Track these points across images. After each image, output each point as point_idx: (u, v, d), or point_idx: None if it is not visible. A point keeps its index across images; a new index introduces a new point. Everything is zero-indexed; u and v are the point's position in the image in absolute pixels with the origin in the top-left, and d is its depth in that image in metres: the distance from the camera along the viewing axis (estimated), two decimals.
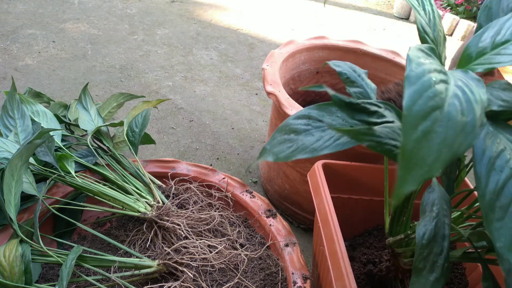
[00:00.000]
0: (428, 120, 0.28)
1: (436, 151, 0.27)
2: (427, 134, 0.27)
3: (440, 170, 0.27)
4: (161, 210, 0.77)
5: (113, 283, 0.66)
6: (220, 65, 1.69)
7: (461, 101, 0.30)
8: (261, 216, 0.83)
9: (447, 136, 0.28)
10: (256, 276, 0.73)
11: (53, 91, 1.38)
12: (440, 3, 2.64)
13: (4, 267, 0.61)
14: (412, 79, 0.29)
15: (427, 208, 0.42)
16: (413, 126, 0.28)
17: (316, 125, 0.45)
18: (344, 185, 0.76)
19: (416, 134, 0.27)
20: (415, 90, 0.29)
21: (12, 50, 1.56)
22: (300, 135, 0.44)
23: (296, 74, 1.09)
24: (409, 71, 0.30)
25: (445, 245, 0.40)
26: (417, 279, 0.39)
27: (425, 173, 0.27)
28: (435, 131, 0.28)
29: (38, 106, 0.95)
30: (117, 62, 1.60)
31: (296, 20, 2.27)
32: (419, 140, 0.27)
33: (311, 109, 0.46)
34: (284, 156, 0.42)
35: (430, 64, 0.32)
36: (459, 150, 0.28)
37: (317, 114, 0.46)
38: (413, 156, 0.27)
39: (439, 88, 0.30)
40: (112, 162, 0.89)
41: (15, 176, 0.69)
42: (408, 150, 0.27)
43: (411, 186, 0.26)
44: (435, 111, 0.28)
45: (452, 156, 0.27)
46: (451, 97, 0.30)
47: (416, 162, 0.27)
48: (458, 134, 0.28)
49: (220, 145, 1.26)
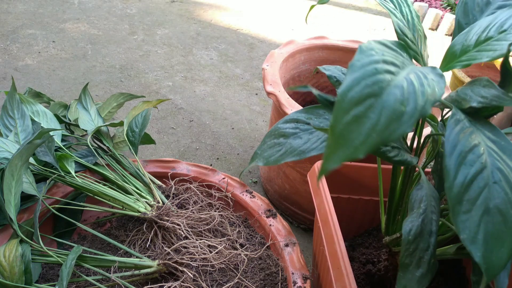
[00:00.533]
0: (361, 106, 0.29)
1: (364, 135, 0.28)
2: (359, 119, 0.28)
3: (364, 153, 0.28)
4: (161, 210, 0.77)
5: (113, 283, 0.66)
6: (220, 65, 1.69)
7: (403, 92, 0.31)
8: (261, 216, 0.83)
9: (379, 123, 0.29)
10: (256, 276, 0.73)
11: (53, 91, 1.38)
12: (440, 3, 2.64)
13: (4, 267, 0.61)
14: (355, 67, 0.30)
15: (415, 205, 0.43)
16: (345, 111, 0.28)
17: (304, 128, 0.46)
18: (344, 185, 0.76)
19: (347, 118, 0.28)
20: (355, 77, 0.30)
21: (12, 50, 1.56)
22: (288, 139, 0.45)
23: (296, 74, 1.09)
24: (354, 60, 0.31)
25: (432, 241, 0.41)
26: (403, 275, 0.40)
27: (350, 154, 0.28)
28: (368, 116, 0.29)
29: (38, 106, 0.95)
30: (117, 62, 1.60)
31: (296, 20, 2.27)
32: (349, 123, 0.28)
33: (299, 113, 0.48)
34: (273, 160, 0.43)
35: (382, 56, 0.33)
36: (390, 137, 0.29)
37: (305, 117, 0.47)
38: (341, 137, 0.28)
39: (382, 77, 0.31)
40: (112, 162, 0.89)
41: (15, 176, 0.69)
42: (337, 132, 0.28)
43: (334, 163, 0.27)
44: (371, 98, 0.29)
45: (381, 141, 0.28)
46: (393, 86, 0.31)
47: (343, 143, 0.28)
48: (392, 122, 0.29)
49: (220, 145, 1.26)
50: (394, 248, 0.59)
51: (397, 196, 0.56)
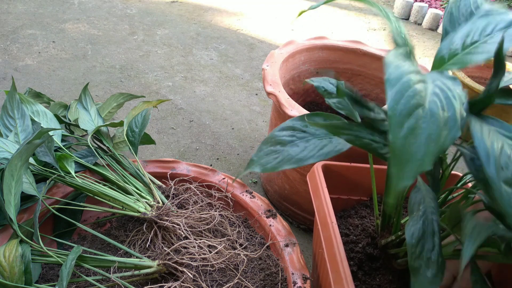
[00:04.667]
0: (412, 118, 0.30)
1: (424, 145, 0.29)
2: (413, 131, 0.29)
3: (431, 163, 0.28)
4: (161, 210, 0.77)
5: (113, 283, 0.66)
6: (220, 66, 1.69)
7: (440, 98, 0.32)
8: (261, 216, 0.83)
9: (432, 131, 0.29)
10: (256, 276, 0.73)
11: (53, 91, 1.38)
12: (440, 3, 2.64)
13: (4, 267, 0.61)
14: (392, 81, 0.31)
15: (414, 208, 0.43)
16: (399, 124, 0.29)
17: (301, 136, 0.47)
18: (343, 186, 0.76)
19: (402, 131, 0.29)
20: (397, 90, 0.30)
21: (12, 50, 1.56)
22: (285, 146, 0.46)
23: (296, 74, 1.09)
24: (388, 74, 0.31)
25: (436, 240, 0.41)
26: (416, 279, 0.39)
27: (417, 167, 0.28)
28: (420, 127, 0.29)
29: (38, 106, 0.95)
30: (117, 62, 1.60)
31: (296, 21, 2.27)
32: (406, 137, 0.29)
33: (295, 121, 0.48)
34: (271, 167, 0.44)
35: (408, 66, 0.33)
36: (445, 143, 0.29)
37: (301, 125, 0.48)
38: (404, 153, 0.28)
39: (419, 87, 0.32)
40: (112, 162, 0.89)
41: (15, 176, 0.69)
42: (398, 147, 0.28)
43: (406, 181, 0.28)
44: (418, 108, 0.30)
45: (440, 149, 0.29)
46: (431, 95, 0.32)
47: (407, 158, 0.28)
48: (442, 128, 0.30)
49: (220, 146, 1.26)
50: (390, 251, 0.59)
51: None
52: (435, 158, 0.29)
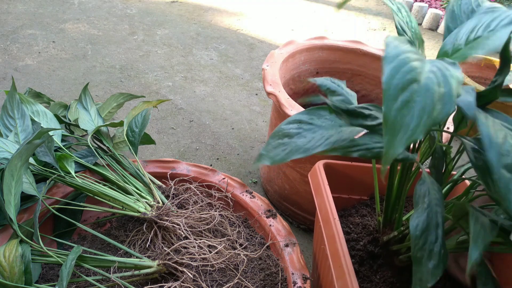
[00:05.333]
0: (407, 91, 0.31)
1: (417, 117, 0.30)
2: (407, 103, 0.30)
3: (423, 133, 0.29)
4: (161, 210, 0.77)
5: (113, 283, 0.66)
6: (220, 66, 1.69)
7: (437, 75, 0.33)
8: (261, 216, 0.83)
9: (426, 105, 0.31)
10: (256, 276, 0.73)
11: (53, 91, 1.38)
12: (440, 3, 2.64)
13: (4, 267, 0.61)
14: (390, 58, 0.32)
15: (419, 200, 0.44)
16: (394, 98, 0.30)
17: (307, 128, 0.48)
18: (344, 185, 0.76)
19: (396, 104, 0.30)
20: (393, 66, 0.32)
21: (12, 50, 1.56)
22: (293, 138, 0.46)
23: (296, 74, 1.09)
24: (386, 53, 0.33)
25: (439, 233, 0.42)
26: (418, 268, 0.40)
27: (409, 136, 0.29)
28: (414, 100, 0.31)
29: (38, 106, 0.95)
30: (117, 62, 1.60)
31: (296, 21, 2.27)
32: (400, 109, 0.30)
33: (301, 114, 0.49)
34: (280, 159, 0.44)
35: (407, 47, 0.35)
36: (438, 117, 0.30)
37: (307, 118, 0.49)
38: (396, 123, 0.30)
39: (416, 64, 0.33)
40: (112, 163, 0.89)
41: (15, 176, 0.69)
42: (391, 118, 0.30)
43: (398, 149, 0.29)
44: (413, 83, 0.31)
45: (433, 121, 0.30)
46: (427, 71, 0.33)
47: (399, 128, 0.30)
48: (437, 103, 0.31)
49: (220, 146, 1.26)
50: (392, 247, 0.59)
51: (394, 195, 0.56)
52: (427, 130, 0.30)
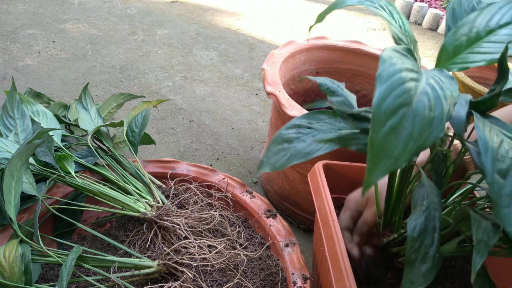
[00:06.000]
0: (396, 116, 0.30)
1: (402, 144, 0.29)
2: (395, 129, 0.30)
3: (406, 162, 0.29)
4: (161, 210, 0.77)
5: (113, 283, 0.66)
6: (220, 66, 1.69)
7: (429, 98, 0.32)
8: (261, 216, 0.83)
9: (414, 131, 0.30)
10: (256, 277, 0.73)
11: (53, 91, 1.38)
12: (440, 3, 2.64)
13: (4, 267, 0.61)
14: (383, 78, 0.31)
15: (418, 202, 0.44)
16: (381, 123, 0.30)
17: (306, 132, 0.48)
18: (344, 185, 0.76)
19: (384, 129, 0.30)
20: (385, 88, 0.31)
21: (12, 50, 1.56)
22: (292, 143, 0.46)
23: (296, 74, 1.09)
24: (381, 71, 0.32)
25: (436, 236, 0.42)
26: (410, 270, 0.41)
27: (391, 164, 0.29)
28: (402, 126, 0.30)
29: (38, 106, 0.95)
30: (117, 62, 1.60)
31: (296, 21, 2.27)
32: (387, 134, 0.29)
33: (300, 119, 0.49)
34: (280, 165, 0.44)
35: (402, 63, 0.34)
36: (425, 143, 0.30)
37: (306, 122, 0.49)
38: (381, 150, 0.29)
39: (409, 86, 0.32)
40: (112, 162, 0.89)
41: (15, 176, 0.69)
42: (376, 144, 0.29)
43: (378, 176, 0.29)
44: (403, 107, 0.31)
45: (418, 148, 0.30)
46: (420, 94, 0.32)
47: (384, 155, 0.29)
48: (425, 129, 0.30)
49: (220, 146, 1.26)
50: (392, 249, 0.59)
51: (394, 197, 0.56)
52: (411, 156, 0.29)
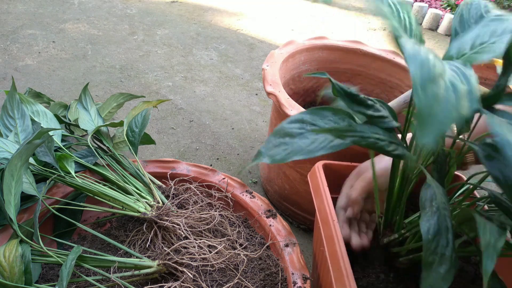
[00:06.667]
0: (435, 85, 0.32)
1: (446, 110, 0.31)
2: (437, 96, 0.31)
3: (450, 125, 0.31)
4: (161, 210, 0.77)
5: (113, 283, 0.66)
6: (220, 66, 1.69)
7: (458, 74, 0.34)
8: (261, 216, 0.83)
9: (454, 100, 0.32)
10: (256, 277, 0.73)
11: (53, 91, 1.38)
12: (440, 3, 2.64)
13: (4, 267, 0.61)
14: (412, 56, 0.33)
15: (427, 204, 0.43)
16: (424, 88, 0.31)
17: (310, 129, 0.47)
18: None
19: (427, 95, 0.31)
20: (418, 62, 0.32)
21: (12, 50, 1.56)
22: (295, 138, 0.46)
23: (296, 74, 1.09)
24: (407, 52, 0.34)
25: (450, 237, 0.41)
26: (428, 274, 0.40)
27: (439, 128, 0.31)
28: (443, 94, 0.32)
29: (38, 106, 0.95)
30: (117, 62, 1.60)
31: (296, 21, 2.27)
32: (431, 100, 0.31)
33: (304, 114, 0.49)
34: (280, 158, 0.44)
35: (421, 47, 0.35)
36: (465, 112, 0.32)
37: (310, 118, 0.48)
38: (428, 114, 0.31)
39: (436, 62, 0.34)
40: (112, 163, 0.89)
41: (15, 176, 0.69)
42: (423, 108, 0.31)
43: (428, 139, 0.30)
44: (439, 78, 0.32)
45: (460, 116, 0.31)
46: (449, 70, 0.34)
47: (430, 120, 0.31)
48: (463, 98, 0.32)
49: (220, 146, 1.26)
50: (393, 249, 0.59)
51: (395, 197, 0.56)
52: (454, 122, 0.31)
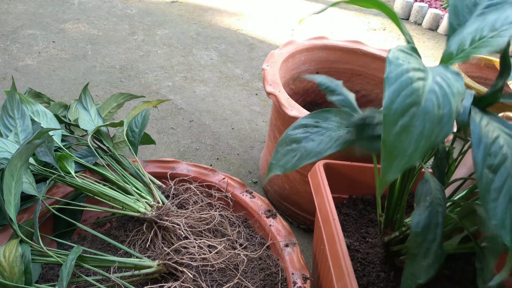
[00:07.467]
0: (406, 116, 0.31)
1: (415, 142, 0.30)
2: (406, 128, 0.31)
3: (419, 159, 0.30)
4: (161, 210, 0.77)
5: (113, 283, 0.66)
6: (220, 66, 1.69)
7: (437, 96, 0.33)
8: (261, 216, 0.83)
9: (425, 129, 0.31)
10: (256, 276, 0.73)
11: (53, 91, 1.38)
12: (440, 3, 2.64)
13: (4, 267, 0.61)
14: (391, 79, 0.32)
15: (421, 198, 0.44)
16: (393, 123, 0.31)
17: (314, 131, 0.47)
18: (345, 185, 0.76)
19: (395, 129, 0.30)
20: (394, 89, 0.32)
21: (12, 50, 1.56)
22: (301, 143, 0.46)
23: (296, 74, 1.09)
24: (388, 72, 0.33)
25: (438, 232, 0.42)
26: (411, 263, 0.41)
27: (406, 162, 0.30)
28: (414, 125, 0.31)
29: (38, 106, 0.94)
30: (117, 62, 1.60)
31: (296, 21, 2.27)
32: (399, 134, 0.30)
33: (306, 118, 0.49)
34: (291, 166, 0.44)
35: (409, 63, 0.34)
36: (436, 140, 0.31)
37: (313, 121, 0.49)
38: (394, 149, 0.30)
39: (417, 85, 0.33)
40: (112, 163, 0.89)
41: (15, 176, 0.69)
42: (389, 143, 0.30)
43: (393, 175, 0.29)
44: (413, 107, 0.31)
45: (430, 145, 0.30)
46: (428, 92, 0.33)
47: (397, 154, 0.30)
48: (435, 126, 0.31)
49: (220, 146, 1.26)
50: (393, 248, 0.59)
51: (395, 195, 0.56)
52: (425, 154, 0.30)
